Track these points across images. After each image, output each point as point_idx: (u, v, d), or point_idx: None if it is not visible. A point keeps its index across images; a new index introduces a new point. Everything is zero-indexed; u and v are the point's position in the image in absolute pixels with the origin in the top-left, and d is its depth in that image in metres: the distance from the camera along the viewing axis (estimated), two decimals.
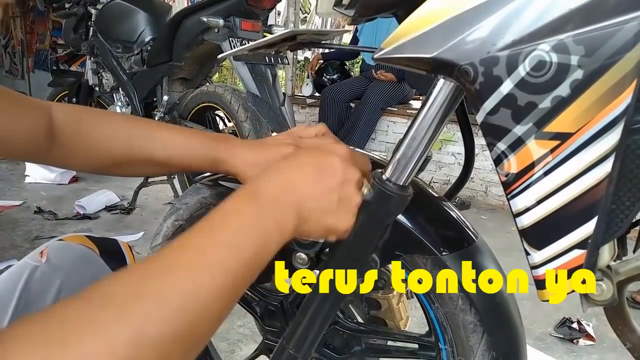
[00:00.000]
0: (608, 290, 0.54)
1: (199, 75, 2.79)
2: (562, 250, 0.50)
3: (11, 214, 2.68)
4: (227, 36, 2.19)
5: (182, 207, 0.83)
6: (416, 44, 0.49)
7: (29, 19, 6.02)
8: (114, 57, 2.80)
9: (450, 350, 0.70)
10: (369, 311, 0.80)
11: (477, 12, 0.45)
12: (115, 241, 0.78)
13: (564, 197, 0.47)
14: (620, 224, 0.48)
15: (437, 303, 0.68)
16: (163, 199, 3.08)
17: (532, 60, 0.44)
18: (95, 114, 0.71)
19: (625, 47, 0.41)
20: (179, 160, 0.70)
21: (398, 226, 0.65)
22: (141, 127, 0.71)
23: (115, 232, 2.48)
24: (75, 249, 0.73)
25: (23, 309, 0.65)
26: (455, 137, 3.64)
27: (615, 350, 1.66)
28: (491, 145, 0.49)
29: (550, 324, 1.81)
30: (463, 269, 0.65)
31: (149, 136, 0.70)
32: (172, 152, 0.70)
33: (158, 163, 0.71)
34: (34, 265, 0.68)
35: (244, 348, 1.55)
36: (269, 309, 0.86)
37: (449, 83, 0.53)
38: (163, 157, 0.70)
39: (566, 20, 0.42)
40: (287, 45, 0.78)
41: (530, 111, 0.46)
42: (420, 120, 0.55)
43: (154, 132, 0.71)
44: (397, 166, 0.57)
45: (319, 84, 4.43)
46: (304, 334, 0.69)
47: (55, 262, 0.70)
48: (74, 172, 3.42)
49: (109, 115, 0.73)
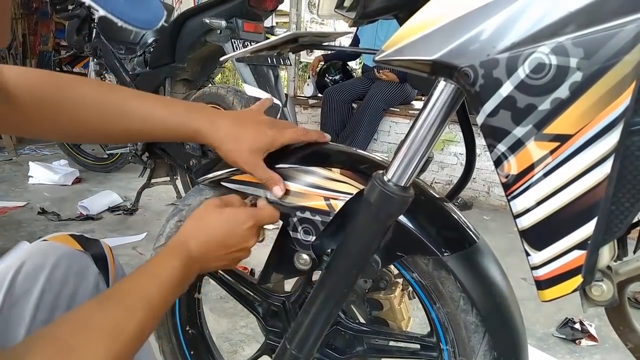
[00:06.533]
0: (608, 290, 0.55)
1: (202, 76, 2.79)
2: (562, 251, 0.50)
3: (15, 214, 2.69)
4: (229, 37, 2.19)
5: (184, 208, 0.83)
6: (417, 46, 0.49)
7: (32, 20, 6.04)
8: (117, 59, 2.81)
9: (452, 350, 0.70)
10: (370, 312, 0.81)
11: (477, 15, 0.46)
12: (97, 241, 0.78)
13: (564, 198, 0.48)
14: (620, 225, 0.48)
15: (438, 303, 0.69)
16: (166, 199, 3.08)
17: (532, 62, 0.44)
18: (65, 80, 0.68)
19: (624, 49, 0.42)
20: (157, 132, 0.70)
21: (399, 227, 0.65)
22: (117, 96, 0.69)
23: (118, 233, 2.49)
24: (58, 248, 0.72)
25: (8, 309, 0.64)
26: (458, 137, 3.64)
27: (618, 351, 1.66)
28: (491, 147, 0.49)
29: (552, 325, 1.81)
30: (464, 269, 0.65)
31: (125, 106, 0.68)
32: (149, 123, 0.69)
33: (134, 133, 0.70)
34: (18, 266, 0.67)
35: (247, 348, 1.55)
36: (271, 310, 0.86)
37: (449, 85, 0.53)
38: (139, 128, 0.69)
39: (565, 22, 0.43)
40: (289, 47, 0.79)
41: (529, 113, 0.46)
42: (422, 121, 0.55)
43: (131, 101, 0.69)
44: (398, 167, 0.57)
45: (321, 84, 4.43)
46: (306, 335, 0.69)
47: (39, 261, 0.69)
48: (77, 173, 3.44)
49: (81, 82, 0.69)
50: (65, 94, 0.66)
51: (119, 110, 0.68)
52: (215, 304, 1.79)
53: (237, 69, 2.17)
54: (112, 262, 0.78)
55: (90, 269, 0.73)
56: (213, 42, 2.27)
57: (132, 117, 0.68)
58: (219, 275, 0.90)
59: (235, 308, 1.76)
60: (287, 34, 0.73)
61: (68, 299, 0.69)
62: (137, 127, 0.69)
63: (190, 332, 0.96)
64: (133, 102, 0.69)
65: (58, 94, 0.66)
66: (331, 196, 0.66)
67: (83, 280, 0.71)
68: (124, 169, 3.63)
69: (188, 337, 0.96)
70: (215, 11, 2.22)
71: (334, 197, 0.66)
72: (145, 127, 0.69)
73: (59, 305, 0.68)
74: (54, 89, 0.66)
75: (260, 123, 0.70)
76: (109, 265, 0.77)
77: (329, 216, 0.67)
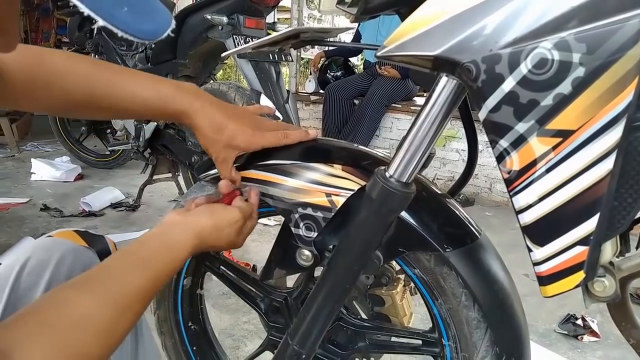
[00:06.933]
0: (610, 286, 0.55)
1: (203, 72, 2.79)
2: (564, 246, 0.50)
3: (18, 211, 2.70)
4: (231, 34, 2.19)
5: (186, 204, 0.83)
6: (419, 41, 0.49)
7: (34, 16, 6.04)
8: (119, 55, 2.80)
9: (454, 346, 0.71)
10: (372, 307, 0.81)
11: (479, 11, 0.46)
12: (102, 237, 0.79)
13: (566, 194, 0.48)
14: (623, 221, 0.48)
15: (440, 299, 0.69)
16: (168, 196, 3.09)
17: (534, 57, 0.44)
18: (58, 57, 0.68)
19: (627, 44, 0.41)
20: (141, 109, 0.70)
21: (401, 223, 0.65)
22: (107, 74, 0.69)
23: (121, 229, 2.49)
24: (63, 244, 0.73)
25: (13, 305, 0.65)
26: (460, 133, 3.63)
27: (620, 347, 1.66)
28: (493, 143, 0.49)
29: (554, 320, 1.81)
30: (466, 265, 0.65)
31: (112, 83, 0.69)
32: (135, 102, 0.69)
33: (119, 110, 0.71)
34: (23, 262, 0.68)
35: (249, 344, 1.56)
36: (274, 305, 0.87)
37: (451, 81, 0.53)
38: (125, 106, 0.70)
39: (568, 18, 0.43)
40: (291, 43, 0.78)
41: (532, 109, 0.46)
42: (423, 117, 0.55)
43: (120, 79, 0.69)
44: (400, 163, 0.57)
45: (323, 80, 4.41)
46: (308, 330, 0.70)
47: (44, 257, 0.70)
48: (79, 169, 3.44)
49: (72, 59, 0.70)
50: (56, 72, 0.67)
51: (107, 87, 0.69)
52: (218, 300, 1.80)
53: (239, 65, 2.17)
54: None
55: (95, 265, 0.74)
56: (214, 38, 2.27)
57: (119, 94, 0.69)
58: (221, 272, 0.90)
59: (237, 304, 1.76)
60: (288, 29, 0.73)
61: None
62: (122, 105, 0.70)
63: (192, 327, 0.96)
64: (121, 80, 0.69)
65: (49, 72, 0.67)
66: (333, 192, 0.66)
67: None
68: (126, 165, 3.64)
69: (190, 333, 0.96)
70: (217, 7, 2.21)
71: (335, 193, 0.66)
72: (131, 106, 0.70)
73: None
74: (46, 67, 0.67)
75: (246, 121, 0.71)
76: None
77: (331, 212, 0.67)
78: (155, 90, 0.70)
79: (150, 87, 0.70)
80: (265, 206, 0.74)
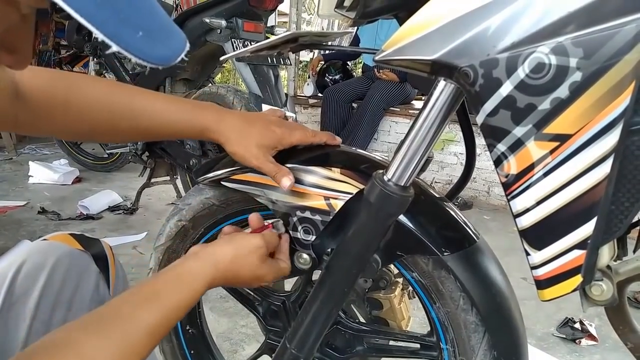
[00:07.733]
0: (608, 290, 0.55)
1: (202, 76, 2.79)
2: (562, 250, 0.50)
3: (15, 214, 2.69)
4: (229, 37, 2.19)
5: (185, 207, 0.83)
6: (417, 46, 0.49)
7: None
8: (117, 58, 2.80)
9: (452, 350, 0.70)
10: (370, 311, 0.81)
11: (477, 15, 0.46)
12: (98, 240, 0.78)
13: (564, 198, 0.48)
14: (620, 225, 0.48)
15: (438, 303, 0.69)
16: (166, 199, 3.08)
17: (532, 62, 0.44)
18: (75, 78, 0.68)
19: (623, 49, 0.42)
20: (164, 129, 0.70)
21: (399, 227, 0.65)
22: (125, 95, 0.69)
23: (119, 233, 2.49)
24: (59, 248, 0.72)
25: (8, 309, 0.65)
26: (458, 137, 3.64)
27: (618, 351, 1.66)
28: (491, 147, 0.49)
29: (552, 324, 1.81)
30: (464, 269, 0.65)
31: (132, 104, 0.68)
32: (157, 121, 0.69)
33: (141, 131, 0.70)
34: (18, 266, 0.67)
35: (247, 348, 1.55)
36: (271, 309, 0.86)
37: (449, 85, 0.53)
38: (147, 126, 0.69)
39: (565, 22, 0.43)
40: (289, 47, 0.79)
41: (529, 113, 0.46)
42: (421, 121, 0.56)
43: (138, 99, 0.69)
44: (398, 167, 0.57)
45: (321, 84, 4.42)
46: (306, 334, 0.69)
47: (39, 261, 0.69)
48: (77, 172, 3.43)
49: (90, 81, 0.70)
50: (75, 93, 0.67)
51: (127, 108, 0.69)
52: (216, 304, 1.79)
53: (238, 69, 2.17)
54: (112, 262, 0.78)
55: (91, 269, 0.73)
56: (213, 41, 2.27)
57: (140, 115, 0.69)
58: None
59: (235, 307, 1.76)
60: (287, 33, 0.73)
61: (68, 299, 0.69)
62: (144, 124, 0.69)
63: (190, 331, 0.96)
64: (140, 100, 0.69)
65: (68, 93, 0.67)
66: (331, 196, 0.66)
67: (83, 280, 0.72)
68: (124, 168, 3.64)
69: (188, 337, 0.96)
70: (216, 11, 2.22)
71: (334, 196, 0.66)
72: (153, 125, 0.70)
73: (59, 305, 0.68)
74: (64, 89, 0.67)
75: (269, 122, 0.71)
76: (109, 264, 0.77)
77: (329, 216, 0.67)
78: (176, 107, 0.70)
79: (170, 105, 0.70)
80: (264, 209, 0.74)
